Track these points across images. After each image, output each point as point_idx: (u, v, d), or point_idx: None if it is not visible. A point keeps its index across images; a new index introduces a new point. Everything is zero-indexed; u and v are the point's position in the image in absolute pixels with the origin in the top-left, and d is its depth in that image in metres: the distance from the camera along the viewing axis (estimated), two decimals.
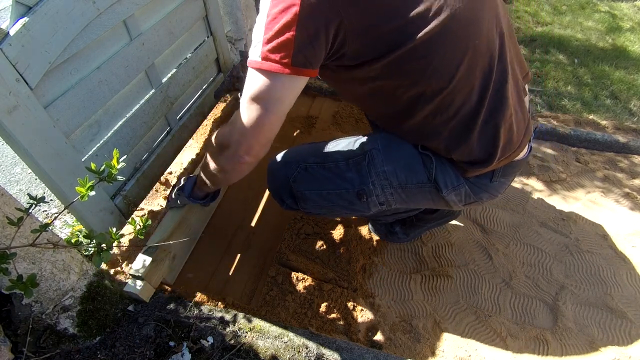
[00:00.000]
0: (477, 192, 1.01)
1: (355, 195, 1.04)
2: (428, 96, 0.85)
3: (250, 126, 0.83)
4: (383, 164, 1.00)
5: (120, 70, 1.15)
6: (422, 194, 1.03)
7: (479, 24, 0.83)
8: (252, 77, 0.80)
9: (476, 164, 0.94)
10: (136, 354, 1.01)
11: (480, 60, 0.85)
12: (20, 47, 0.83)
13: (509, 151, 0.95)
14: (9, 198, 0.81)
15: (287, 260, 1.36)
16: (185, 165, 1.70)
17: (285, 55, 0.75)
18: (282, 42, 0.74)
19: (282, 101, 0.81)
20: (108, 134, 1.17)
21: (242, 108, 0.83)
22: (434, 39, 0.79)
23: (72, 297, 0.99)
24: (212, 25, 1.63)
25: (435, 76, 0.83)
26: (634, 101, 2.30)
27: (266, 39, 0.75)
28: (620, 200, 1.71)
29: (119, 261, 1.34)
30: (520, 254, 1.48)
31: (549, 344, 1.21)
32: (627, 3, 3.65)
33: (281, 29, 0.74)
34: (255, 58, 0.78)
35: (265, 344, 1.04)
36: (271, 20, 0.74)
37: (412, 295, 1.33)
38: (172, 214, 1.29)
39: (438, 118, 0.89)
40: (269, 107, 0.80)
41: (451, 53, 0.81)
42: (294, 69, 0.76)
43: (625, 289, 1.38)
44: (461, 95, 0.86)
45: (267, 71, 0.77)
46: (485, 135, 0.91)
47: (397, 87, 0.86)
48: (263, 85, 0.78)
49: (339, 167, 1.04)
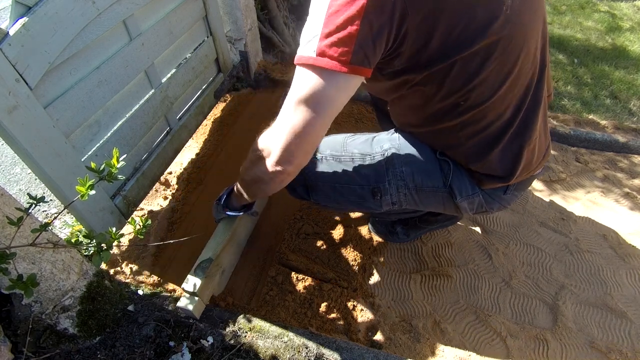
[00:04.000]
0: (489, 202, 1.01)
1: (369, 192, 1.02)
2: (463, 108, 0.82)
3: (296, 131, 0.74)
4: (401, 165, 0.98)
5: (120, 70, 1.15)
6: (435, 198, 1.02)
7: (529, 40, 0.80)
8: (302, 76, 0.72)
9: (494, 177, 0.94)
10: (136, 354, 1.01)
11: (522, 78, 0.83)
12: (20, 47, 0.83)
13: (526, 171, 0.95)
14: (9, 198, 0.81)
15: (287, 260, 1.36)
16: (185, 165, 1.70)
17: (345, 52, 0.68)
18: (344, 37, 0.67)
19: (333, 103, 0.73)
20: (108, 134, 1.17)
21: (287, 110, 0.75)
22: (488, 52, 0.75)
23: (72, 297, 0.99)
24: (211, 25, 1.63)
25: (478, 89, 0.79)
26: (633, 101, 2.30)
27: (325, 32, 0.68)
28: (620, 200, 1.71)
29: (119, 261, 1.34)
30: (520, 253, 1.48)
31: (549, 344, 1.21)
32: (627, 3, 3.65)
33: (344, 23, 0.67)
34: (309, 54, 0.70)
35: (265, 343, 1.04)
36: (334, 12, 0.68)
37: (412, 295, 1.33)
38: (223, 227, 1.24)
39: (465, 130, 0.87)
40: (319, 110, 0.72)
41: (500, 68, 0.78)
42: (352, 67, 0.69)
43: (625, 289, 1.37)
44: (495, 112, 0.84)
45: (323, 68, 0.69)
46: (507, 154, 0.90)
47: (435, 95, 0.82)
48: (316, 85, 0.70)
49: (355, 163, 1.02)
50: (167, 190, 1.62)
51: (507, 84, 0.81)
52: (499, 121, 0.86)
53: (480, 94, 0.80)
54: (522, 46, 0.79)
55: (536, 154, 0.95)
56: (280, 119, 0.77)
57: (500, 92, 0.81)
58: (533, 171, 0.98)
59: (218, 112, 1.98)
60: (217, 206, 1.17)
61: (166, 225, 1.47)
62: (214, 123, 1.92)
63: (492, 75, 0.79)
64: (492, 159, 0.90)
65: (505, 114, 0.86)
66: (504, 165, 0.91)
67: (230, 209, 1.14)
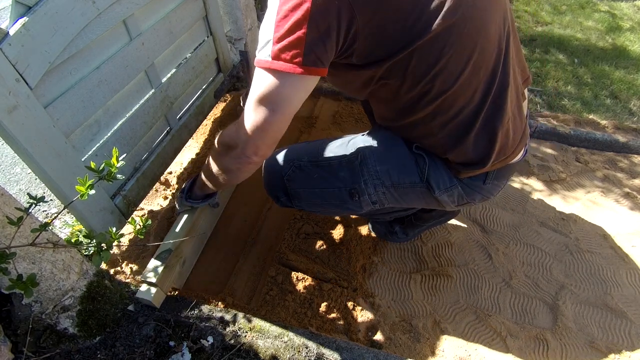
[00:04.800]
0: (469, 193, 1.01)
1: (347, 194, 1.04)
2: (430, 97, 0.84)
3: (258, 127, 0.81)
4: (375, 164, 1.00)
5: (120, 70, 1.15)
6: (414, 194, 1.03)
7: (487, 24, 0.82)
8: (260, 77, 0.77)
9: (470, 165, 0.94)
10: (136, 353, 1.01)
11: (485, 62, 0.84)
12: (20, 47, 0.83)
13: (503, 155, 0.95)
14: (9, 198, 0.81)
15: (287, 260, 1.36)
16: (185, 165, 1.70)
17: (296, 54, 0.72)
18: (294, 41, 0.72)
19: (290, 102, 0.78)
20: (108, 133, 1.17)
21: (249, 109, 0.82)
22: (443, 38, 0.77)
23: (72, 297, 0.99)
24: (212, 25, 1.63)
25: (441, 77, 0.81)
26: (633, 101, 2.30)
27: (277, 37, 0.73)
28: (620, 200, 1.71)
29: (119, 261, 1.34)
30: (520, 253, 1.48)
31: (549, 344, 1.21)
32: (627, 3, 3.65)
33: (292, 27, 0.71)
34: (265, 57, 0.75)
35: (265, 343, 1.04)
36: (282, 17, 0.72)
37: (412, 295, 1.33)
38: (184, 218, 1.27)
39: (437, 119, 0.88)
40: (277, 108, 0.78)
41: (459, 53, 0.80)
42: (306, 68, 0.73)
43: (625, 289, 1.38)
44: (463, 98, 0.85)
45: (278, 71, 0.74)
46: (481, 139, 0.90)
47: (400, 87, 0.85)
48: (272, 86, 0.76)
49: (332, 166, 1.04)
50: (167, 190, 1.62)
51: (469, 67, 0.82)
52: (468, 107, 0.87)
53: (443, 80, 0.82)
54: (479, 29, 0.80)
55: (511, 137, 0.94)
56: (244, 116, 0.83)
57: (464, 77, 0.82)
58: (511, 156, 0.98)
59: (218, 112, 1.98)
60: (180, 198, 1.23)
61: (166, 225, 1.47)
62: (214, 123, 1.92)
63: (452, 60, 0.80)
64: (467, 146, 0.91)
65: (474, 99, 0.86)
66: (479, 151, 0.92)
67: (193, 199, 1.20)
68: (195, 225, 1.28)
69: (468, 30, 0.79)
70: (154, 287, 1.09)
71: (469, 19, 0.78)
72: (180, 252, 1.20)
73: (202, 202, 1.22)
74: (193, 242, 1.30)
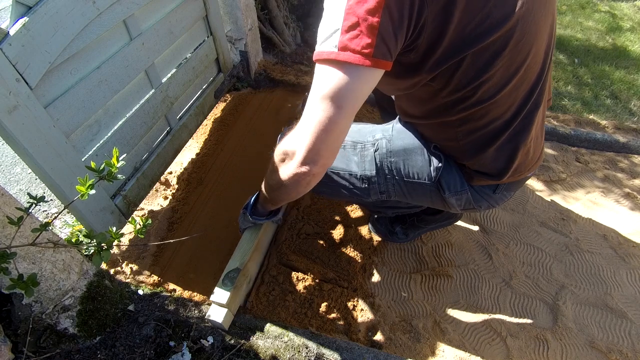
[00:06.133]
0: (478, 200, 1.01)
1: (358, 180, 1.05)
2: (468, 104, 0.82)
3: (320, 128, 0.72)
4: (390, 155, 1.01)
5: (120, 70, 1.15)
6: (422, 191, 1.03)
7: (539, 39, 0.79)
8: (324, 72, 0.70)
9: (485, 175, 0.94)
10: (136, 353, 1.01)
11: (528, 78, 0.82)
12: (20, 47, 0.83)
13: (519, 172, 0.95)
14: (9, 198, 0.81)
15: (288, 260, 1.36)
16: (185, 165, 1.70)
17: (367, 45, 0.66)
18: (365, 30, 0.66)
19: (357, 97, 0.71)
20: (108, 133, 1.17)
21: (310, 108, 0.73)
22: (498, 48, 0.75)
23: (72, 297, 0.99)
24: (212, 25, 1.63)
25: (485, 86, 0.79)
26: (634, 101, 2.30)
27: (346, 26, 0.67)
28: (620, 200, 1.71)
29: (119, 261, 1.34)
30: (520, 253, 1.48)
31: (549, 344, 1.21)
32: (627, 3, 3.65)
33: (365, 15, 0.66)
34: (330, 49, 0.68)
35: (265, 343, 1.04)
36: (353, 5, 0.67)
37: (412, 295, 1.33)
38: (248, 236, 1.22)
39: (466, 126, 0.87)
40: (344, 105, 0.70)
41: (508, 66, 0.78)
42: (375, 60, 0.67)
43: (625, 289, 1.37)
44: (498, 111, 0.84)
45: (345, 63, 0.68)
46: (502, 154, 0.90)
47: (442, 89, 0.81)
48: (339, 80, 0.69)
49: (346, 149, 1.06)
50: (167, 190, 1.62)
51: (513, 82, 0.80)
52: (499, 120, 0.86)
53: (487, 90, 0.80)
54: (532, 44, 0.78)
55: (530, 156, 0.95)
56: (304, 118, 0.75)
57: (506, 90, 0.81)
58: (526, 173, 0.98)
59: (218, 112, 1.98)
60: (244, 214, 1.15)
61: (166, 225, 1.47)
62: (214, 123, 1.92)
63: (500, 72, 0.78)
64: (486, 157, 0.90)
65: (507, 114, 0.86)
66: (497, 165, 0.91)
67: (257, 216, 1.13)
68: (260, 243, 1.24)
69: (523, 43, 0.76)
70: (223, 309, 1.06)
71: (526, 32, 0.76)
72: (247, 270, 1.18)
73: (266, 218, 1.14)
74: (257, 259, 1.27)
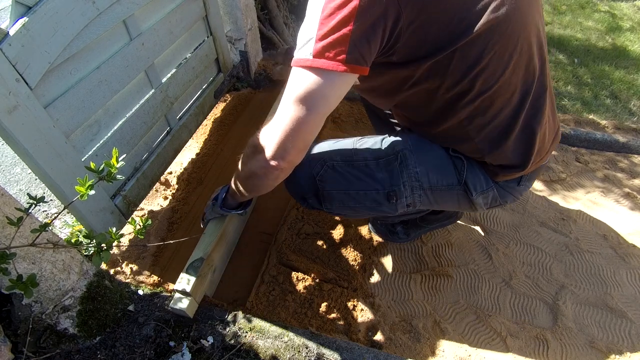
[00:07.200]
0: (503, 195, 1.01)
1: (384, 196, 1.01)
2: (469, 98, 0.83)
3: (290, 127, 0.77)
4: (415, 165, 0.98)
5: (120, 70, 1.15)
6: (450, 196, 1.02)
7: (527, 26, 0.81)
8: (299, 76, 0.75)
9: (509, 168, 0.94)
10: (136, 354, 1.01)
11: (526, 62, 0.83)
12: (20, 47, 0.83)
13: (539, 156, 0.95)
14: (9, 198, 0.81)
15: (288, 260, 1.36)
16: (185, 165, 1.70)
17: (340, 52, 0.71)
18: (338, 38, 0.70)
19: (327, 101, 0.76)
20: (108, 133, 1.17)
21: (282, 108, 0.78)
22: (486, 39, 0.76)
23: (72, 297, 0.99)
24: (212, 25, 1.63)
25: (482, 76, 0.80)
26: (633, 101, 2.30)
27: (320, 35, 0.71)
28: (620, 200, 1.71)
29: (119, 261, 1.34)
30: (520, 253, 1.48)
31: (549, 344, 1.21)
32: (627, 3, 3.65)
33: (338, 25, 0.70)
34: (306, 56, 0.73)
35: (265, 343, 1.04)
36: (327, 15, 0.71)
37: (412, 295, 1.33)
38: (213, 227, 1.24)
39: (474, 122, 0.87)
40: (313, 107, 0.75)
41: (500, 54, 0.79)
42: (349, 66, 0.71)
43: (625, 289, 1.37)
44: (502, 99, 0.84)
45: (320, 69, 0.72)
46: (521, 142, 0.90)
47: (439, 87, 0.83)
48: (311, 84, 0.73)
49: (369, 167, 1.00)
50: (167, 190, 1.62)
51: (509, 67, 0.81)
52: (506, 109, 0.86)
53: (484, 80, 0.81)
54: (521, 29, 0.80)
55: (547, 138, 0.95)
56: (277, 117, 0.80)
57: (505, 77, 0.81)
58: (545, 157, 0.98)
59: (218, 112, 1.98)
60: (213, 205, 1.17)
61: (166, 225, 1.47)
62: (214, 123, 1.92)
63: (494, 60, 0.79)
64: (507, 149, 0.90)
65: (512, 101, 0.85)
66: (518, 154, 0.91)
67: (227, 207, 1.15)
68: (225, 233, 1.26)
69: (510, 30, 0.78)
70: (187, 297, 1.06)
71: (511, 20, 0.77)
72: (212, 260, 1.18)
73: (235, 210, 1.16)
74: (223, 249, 1.28)
